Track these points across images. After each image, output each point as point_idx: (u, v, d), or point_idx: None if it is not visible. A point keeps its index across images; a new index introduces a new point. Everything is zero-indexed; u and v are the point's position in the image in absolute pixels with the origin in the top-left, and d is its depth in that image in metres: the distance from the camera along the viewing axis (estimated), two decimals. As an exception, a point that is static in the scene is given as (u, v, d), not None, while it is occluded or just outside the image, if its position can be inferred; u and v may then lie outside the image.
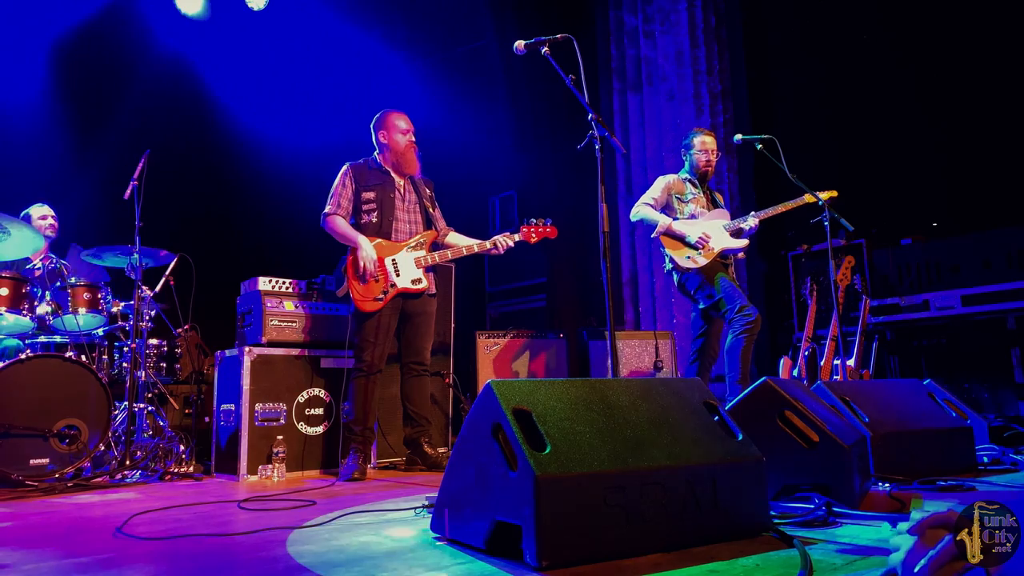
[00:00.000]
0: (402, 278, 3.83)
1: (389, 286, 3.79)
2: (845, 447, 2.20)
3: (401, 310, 3.89)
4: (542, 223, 4.01)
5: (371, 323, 3.77)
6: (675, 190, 4.46)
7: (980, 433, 3.48)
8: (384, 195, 3.92)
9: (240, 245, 6.65)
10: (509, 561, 1.64)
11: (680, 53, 6.74)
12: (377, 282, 3.79)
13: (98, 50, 6.36)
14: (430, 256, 3.89)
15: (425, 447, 3.93)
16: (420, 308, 3.93)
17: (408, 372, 3.96)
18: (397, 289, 3.80)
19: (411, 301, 3.89)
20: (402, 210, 3.96)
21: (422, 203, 4.02)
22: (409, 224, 3.97)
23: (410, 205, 4.00)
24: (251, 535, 2.09)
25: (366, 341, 3.77)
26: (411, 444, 3.99)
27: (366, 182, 3.95)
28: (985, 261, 5.04)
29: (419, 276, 3.85)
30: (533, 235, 3.99)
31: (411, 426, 3.97)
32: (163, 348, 4.64)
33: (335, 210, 3.90)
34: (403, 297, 3.86)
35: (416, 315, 3.92)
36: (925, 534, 1.22)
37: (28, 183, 5.47)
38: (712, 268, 4.26)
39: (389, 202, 3.92)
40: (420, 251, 3.91)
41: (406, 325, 3.94)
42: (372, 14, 7.37)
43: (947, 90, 5.87)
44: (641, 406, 1.90)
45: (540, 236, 4.01)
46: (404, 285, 3.82)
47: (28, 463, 3.38)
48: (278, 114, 7.19)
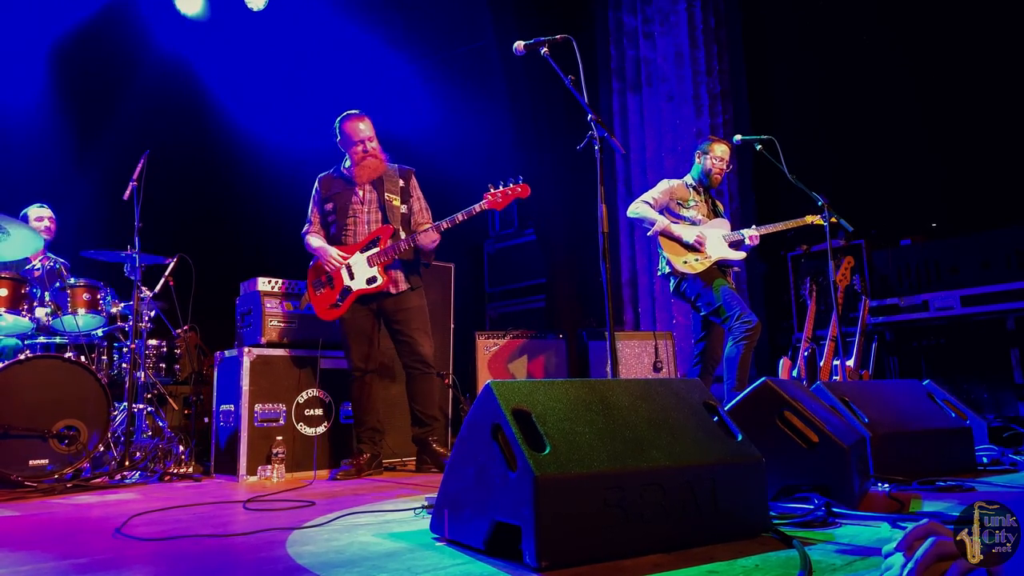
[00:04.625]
0: (356, 280, 3.79)
1: (343, 290, 3.79)
2: (844, 447, 2.20)
3: (378, 311, 3.87)
4: (513, 181, 3.67)
5: (342, 329, 3.86)
6: (677, 195, 4.42)
7: (979, 433, 3.48)
8: (342, 203, 3.90)
9: (240, 245, 6.64)
10: (508, 562, 1.64)
11: (679, 54, 6.74)
12: (332, 289, 3.81)
13: (97, 51, 6.36)
14: (383, 252, 3.76)
15: (434, 446, 3.86)
16: (395, 306, 3.85)
17: (410, 373, 3.90)
18: (353, 292, 3.78)
19: (386, 300, 3.84)
20: (362, 212, 3.89)
21: (382, 200, 3.89)
22: (368, 225, 3.89)
23: (370, 206, 3.91)
24: (250, 536, 2.09)
25: (345, 346, 3.88)
26: (419, 443, 3.93)
27: (329, 191, 3.95)
28: (984, 261, 5.04)
29: (373, 275, 3.77)
30: (500, 199, 3.65)
31: (419, 426, 3.91)
32: (162, 349, 4.65)
33: (308, 228, 3.99)
34: (373, 298, 3.82)
35: (393, 313, 3.85)
36: (911, 547, 1.23)
37: (28, 184, 5.47)
38: (710, 274, 4.24)
39: (345, 209, 3.89)
40: (374, 248, 3.81)
41: (391, 326, 3.89)
42: (372, 14, 7.37)
43: (946, 90, 5.88)
44: (641, 407, 1.90)
45: (509, 199, 3.65)
46: (359, 287, 3.78)
47: (27, 464, 3.38)
48: (278, 115, 7.19)
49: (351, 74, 7.46)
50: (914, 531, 1.25)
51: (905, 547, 1.24)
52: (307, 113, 7.31)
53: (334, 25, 7.29)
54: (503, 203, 3.66)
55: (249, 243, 6.70)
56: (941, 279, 5.24)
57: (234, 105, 7.07)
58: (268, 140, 7.02)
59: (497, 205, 3.67)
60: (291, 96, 7.36)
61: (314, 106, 7.38)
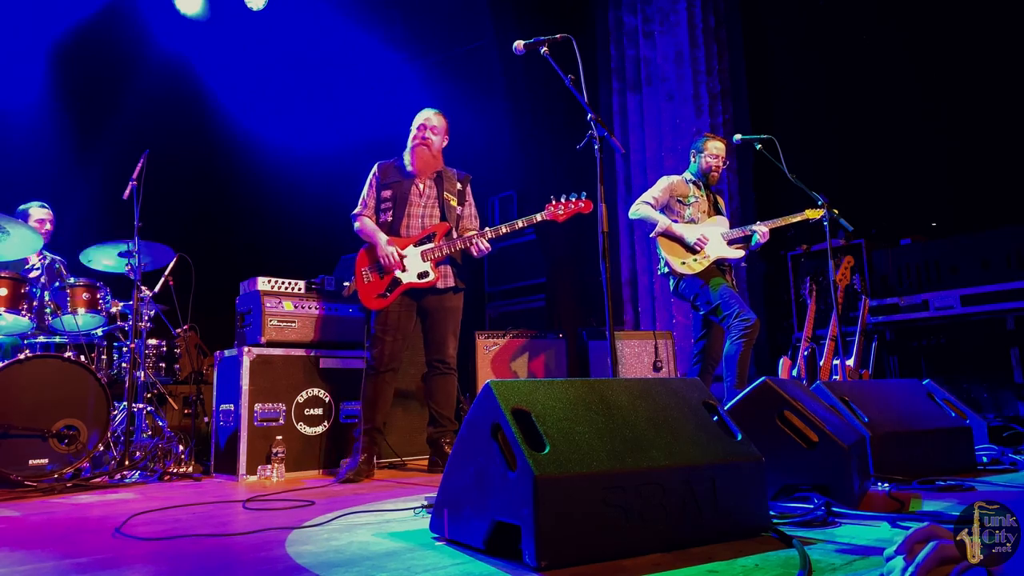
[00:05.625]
0: (408, 273, 3.74)
1: (392, 281, 3.73)
2: (844, 447, 2.20)
3: (418, 307, 3.82)
4: (576, 196, 3.64)
5: (380, 320, 3.74)
6: (677, 192, 4.41)
7: (979, 433, 3.48)
8: (399, 192, 3.86)
9: (240, 245, 6.65)
10: (508, 561, 1.64)
11: (679, 53, 6.74)
12: (382, 278, 3.74)
13: (97, 50, 6.36)
14: (439, 248, 3.75)
15: (446, 448, 3.79)
16: (438, 304, 3.82)
17: (432, 370, 3.87)
18: (403, 285, 3.73)
19: (428, 297, 3.81)
20: (417, 206, 3.86)
21: (441, 198, 3.89)
22: (423, 219, 3.87)
23: (427, 200, 3.89)
24: (250, 535, 2.09)
25: (376, 338, 3.74)
26: (432, 445, 3.87)
27: (386, 180, 3.91)
28: (984, 261, 5.04)
29: (425, 270, 3.74)
30: (561, 211, 3.65)
31: (434, 426, 3.85)
32: (162, 348, 4.65)
33: (361, 210, 3.90)
34: (417, 293, 3.78)
35: (434, 311, 3.83)
36: (912, 550, 1.23)
37: (28, 184, 5.47)
38: (709, 274, 4.24)
39: (403, 199, 3.84)
40: (429, 243, 3.79)
41: (426, 321, 3.86)
42: (372, 14, 7.37)
43: (946, 90, 5.88)
44: (640, 406, 1.90)
45: (571, 213, 3.65)
46: (409, 280, 3.73)
47: (27, 463, 3.38)
48: (277, 114, 7.19)
49: (351, 74, 7.47)
50: (915, 534, 1.25)
51: (906, 550, 1.24)
52: (306, 113, 7.32)
53: (334, 25, 7.30)
54: (564, 216, 3.65)
55: (249, 243, 6.70)
56: (941, 279, 5.24)
57: (234, 105, 7.08)
58: (268, 140, 7.03)
59: (558, 218, 3.66)
60: (291, 96, 7.37)
61: (313, 106, 7.39)
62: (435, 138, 3.91)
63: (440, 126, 3.95)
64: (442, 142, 3.97)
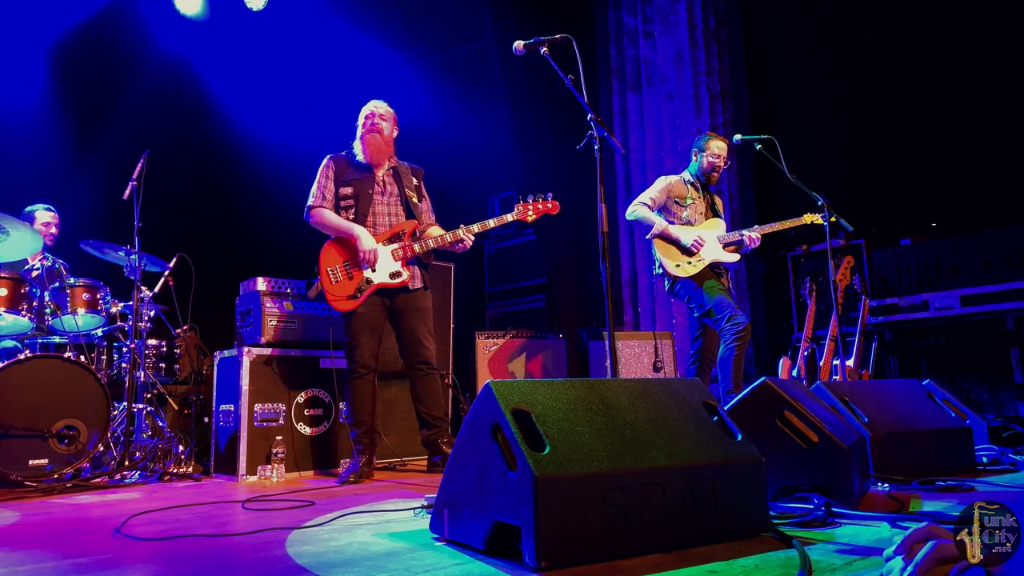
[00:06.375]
0: (378, 272, 3.67)
1: (364, 282, 3.65)
2: (844, 447, 2.20)
3: (390, 307, 3.76)
4: (542, 198, 3.79)
5: (354, 322, 3.67)
6: (675, 193, 4.41)
7: (979, 433, 3.48)
8: (362, 189, 3.78)
9: (239, 245, 6.64)
10: (508, 562, 1.64)
11: (679, 53, 6.74)
12: (351, 278, 3.67)
13: (97, 50, 6.36)
14: (409, 247, 3.72)
15: (444, 447, 3.75)
16: (410, 304, 3.76)
17: (414, 374, 3.79)
18: (374, 285, 3.66)
19: (400, 296, 3.75)
20: (382, 203, 3.81)
21: (403, 195, 3.85)
22: (388, 217, 3.81)
23: (391, 198, 3.84)
24: (250, 535, 2.09)
25: (354, 340, 3.68)
26: (429, 446, 3.82)
27: (344, 175, 3.83)
28: (984, 261, 5.04)
29: (397, 269, 3.69)
30: (530, 212, 3.77)
31: (426, 428, 3.79)
32: (162, 348, 4.64)
33: (321, 203, 3.78)
34: (388, 293, 3.73)
35: (408, 311, 3.76)
36: (911, 550, 1.23)
37: (28, 183, 5.47)
38: (703, 276, 4.24)
39: (366, 197, 3.77)
40: (398, 243, 3.74)
41: (400, 323, 3.78)
42: (371, 15, 7.37)
43: (947, 90, 5.88)
44: (640, 406, 1.90)
45: (539, 213, 3.79)
46: (381, 280, 3.67)
47: (27, 463, 3.38)
48: (277, 114, 7.19)
49: (350, 74, 7.46)
50: (914, 534, 1.25)
51: (905, 550, 1.24)
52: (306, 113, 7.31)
53: (333, 25, 7.29)
54: (533, 216, 3.81)
55: (249, 243, 6.70)
56: (941, 279, 5.24)
57: (234, 105, 7.07)
58: (268, 140, 7.02)
59: (526, 217, 3.81)
60: (290, 96, 7.36)
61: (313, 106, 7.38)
62: (384, 124, 3.85)
63: (388, 115, 3.90)
64: (392, 130, 3.90)
